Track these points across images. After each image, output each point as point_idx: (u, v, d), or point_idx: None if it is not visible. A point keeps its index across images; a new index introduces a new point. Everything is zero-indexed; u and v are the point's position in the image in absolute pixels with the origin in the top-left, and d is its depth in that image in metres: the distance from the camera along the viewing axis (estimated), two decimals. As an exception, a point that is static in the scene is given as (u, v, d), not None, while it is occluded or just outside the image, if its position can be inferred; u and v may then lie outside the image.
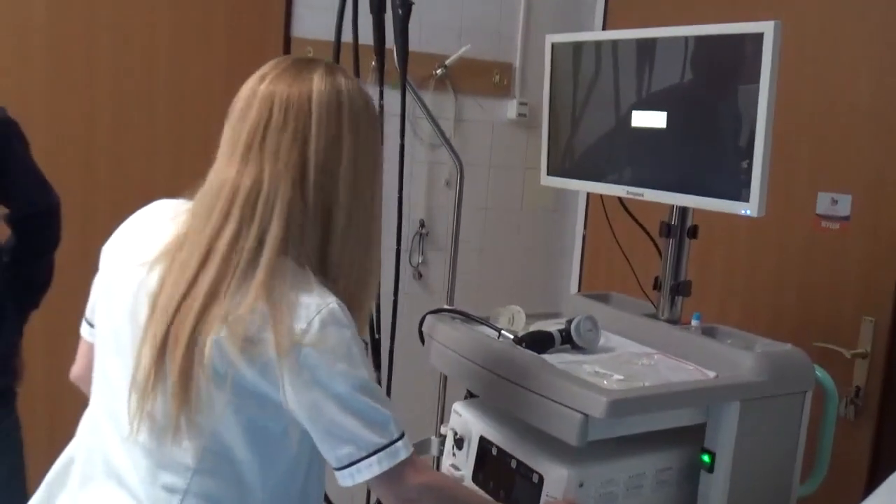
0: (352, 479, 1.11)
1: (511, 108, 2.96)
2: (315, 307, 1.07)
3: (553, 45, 1.78)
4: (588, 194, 3.00)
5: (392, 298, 1.89)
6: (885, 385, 2.02)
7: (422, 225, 2.83)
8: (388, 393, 1.87)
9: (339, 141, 1.13)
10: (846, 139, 2.11)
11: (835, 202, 2.13)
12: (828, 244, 2.14)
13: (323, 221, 1.13)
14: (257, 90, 1.15)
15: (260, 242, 1.08)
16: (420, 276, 2.86)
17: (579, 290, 3.05)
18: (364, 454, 1.10)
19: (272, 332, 1.04)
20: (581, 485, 1.34)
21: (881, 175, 2.03)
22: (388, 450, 1.11)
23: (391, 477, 1.12)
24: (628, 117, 1.64)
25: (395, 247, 1.68)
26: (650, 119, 1.57)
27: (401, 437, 1.13)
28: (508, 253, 3.07)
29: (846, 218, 2.11)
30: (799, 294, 2.22)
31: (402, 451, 1.12)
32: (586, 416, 1.25)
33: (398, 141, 2.75)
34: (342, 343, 1.09)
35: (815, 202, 2.17)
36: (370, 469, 1.10)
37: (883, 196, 2.03)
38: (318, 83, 1.13)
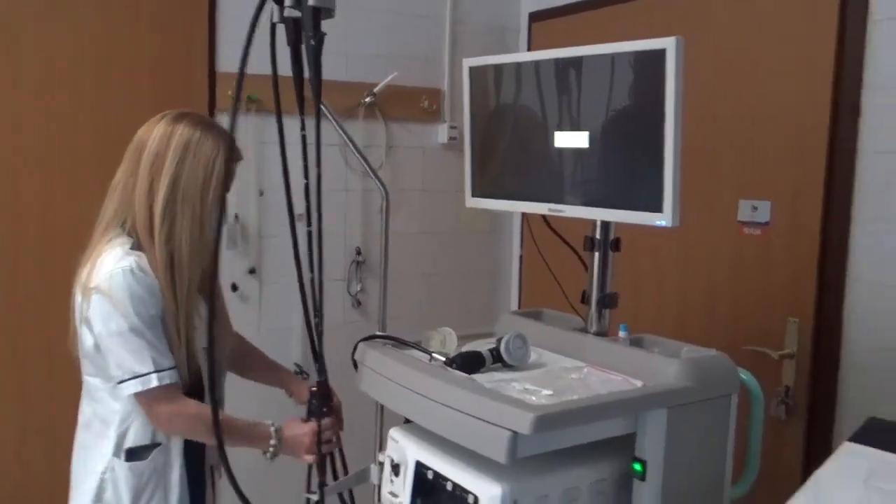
0: (119, 392, 1.58)
1: (442, 133, 2.99)
2: (109, 266, 1.56)
3: (471, 69, 1.81)
4: (522, 217, 3.03)
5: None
6: (811, 383, 2.08)
7: (358, 253, 2.83)
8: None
9: (168, 164, 1.62)
10: (765, 148, 2.18)
11: (755, 209, 2.20)
12: (751, 250, 2.21)
13: (150, 204, 1.61)
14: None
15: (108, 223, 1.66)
16: (359, 303, 2.85)
17: (520, 308, 3.08)
18: (126, 377, 1.56)
19: (83, 283, 1.59)
20: (515, 502, 1.35)
21: (798, 181, 2.10)
22: (143, 378, 1.56)
23: (148, 399, 1.58)
24: (549, 137, 1.67)
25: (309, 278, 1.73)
26: (572, 140, 1.60)
27: (157, 371, 1.56)
28: (449, 276, 3.08)
29: (767, 223, 2.17)
30: (728, 300, 2.27)
31: (154, 380, 1.56)
32: (515, 433, 1.26)
33: (337, 168, 2.77)
34: (123, 294, 1.54)
35: (738, 209, 2.23)
36: (127, 388, 1.56)
37: (800, 201, 2.10)
38: (161, 127, 1.65)
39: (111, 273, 1.56)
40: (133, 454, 1.66)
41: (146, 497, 1.68)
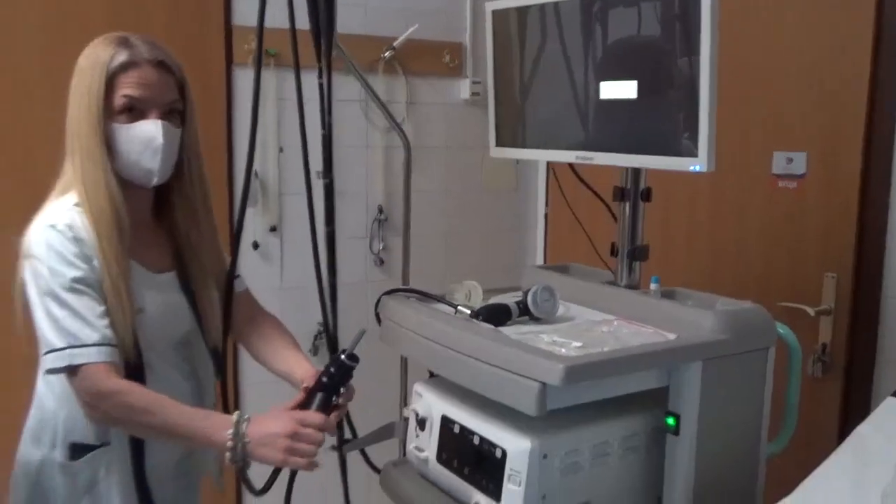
0: (43, 367, 1.36)
1: (464, 88, 2.92)
2: (36, 224, 1.39)
3: (493, 13, 1.74)
4: (548, 172, 2.96)
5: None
6: (850, 340, 2.02)
7: (380, 211, 2.78)
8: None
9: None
10: (801, 97, 2.09)
11: (790, 161, 2.12)
12: (786, 203, 2.13)
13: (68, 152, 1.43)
14: None
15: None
16: (382, 262, 2.81)
17: (545, 267, 3.03)
18: (45, 349, 1.34)
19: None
20: (545, 456, 1.31)
21: (835, 131, 2.02)
22: (57, 353, 1.32)
23: (70, 379, 1.35)
24: (575, 82, 1.61)
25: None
26: (619, 90, 1.51)
27: (73, 346, 1.32)
28: (472, 235, 3.03)
29: (802, 176, 2.10)
30: (761, 255, 2.20)
31: (76, 357, 1.32)
32: (543, 384, 1.22)
33: (359, 125, 2.72)
34: (42, 254, 1.35)
35: (772, 161, 2.15)
36: (43, 364, 1.34)
37: (838, 152, 2.02)
38: None
39: (34, 232, 1.39)
40: (75, 451, 1.45)
41: None
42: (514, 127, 1.78)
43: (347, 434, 1.82)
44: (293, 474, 1.45)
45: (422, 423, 1.54)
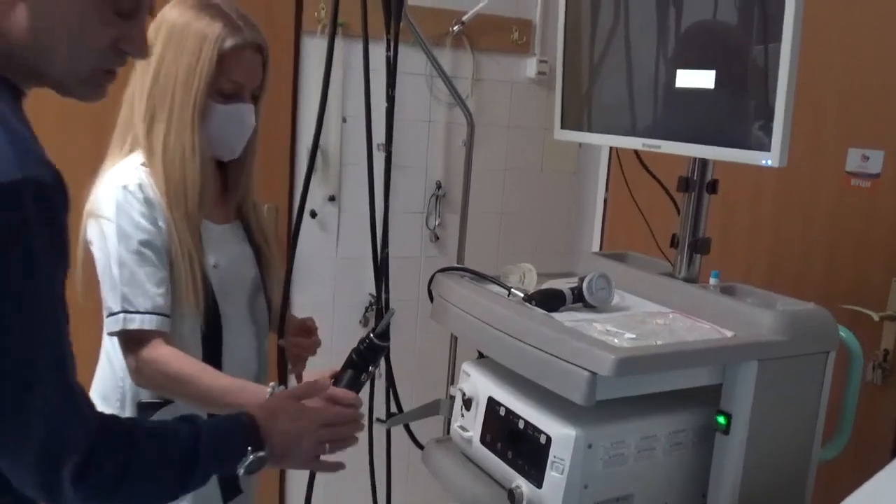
0: (105, 328, 1.40)
1: (531, 67, 2.88)
2: (107, 183, 1.41)
3: (567, -7, 1.71)
4: (610, 156, 2.92)
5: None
6: (914, 349, 1.95)
7: (438, 186, 2.78)
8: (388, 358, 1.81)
9: (153, 57, 1.41)
10: (879, 93, 2.01)
11: (866, 159, 2.04)
12: (857, 203, 2.06)
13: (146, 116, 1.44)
14: None
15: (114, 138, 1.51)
16: (437, 238, 2.81)
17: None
18: (106, 313, 1.39)
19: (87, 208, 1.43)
20: (590, 445, 1.29)
21: (917, 130, 1.94)
22: (113, 317, 1.37)
23: (121, 343, 1.39)
24: (649, 68, 1.57)
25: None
26: (697, 79, 1.46)
27: (127, 311, 1.36)
28: (528, 216, 3.01)
29: (877, 175, 2.02)
30: (826, 255, 2.14)
31: (128, 322, 1.36)
32: (594, 374, 1.20)
33: (422, 99, 2.71)
34: (112, 215, 1.38)
35: (845, 159, 2.08)
36: (107, 325, 1.39)
37: (917, 152, 1.94)
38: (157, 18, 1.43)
39: (105, 191, 1.41)
40: (143, 409, 1.48)
41: None
42: (579, 110, 1.75)
43: (393, 408, 1.83)
44: None
45: (468, 403, 1.54)
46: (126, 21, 0.97)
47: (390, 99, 1.69)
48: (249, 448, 1.11)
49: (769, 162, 1.32)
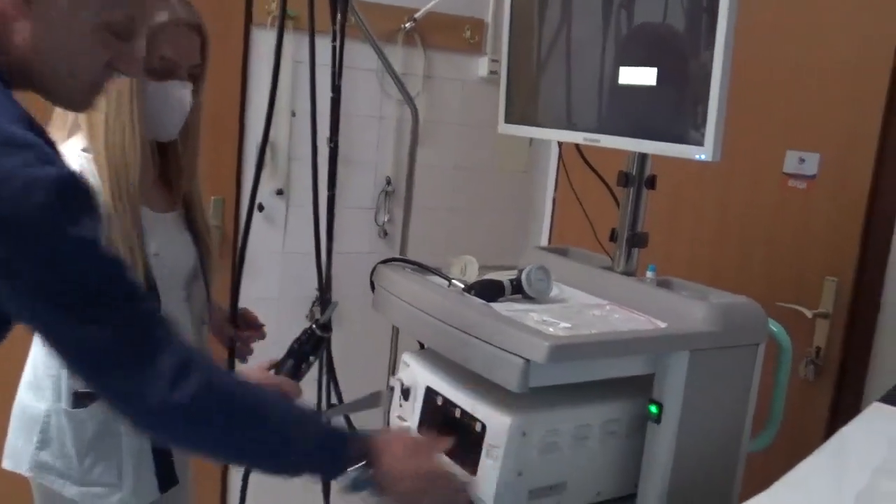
0: None
1: (482, 66, 2.90)
2: None
3: (513, -11, 1.73)
4: (560, 155, 2.95)
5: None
6: (845, 346, 2.01)
7: (388, 182, 2.78)
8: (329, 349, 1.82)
9: None
10: (818, 97, 2.07)
11: (802, 161, 2.09)
12: (794, 204, 2.11)
13: None
14: None
15: None
16: (385, 234, 2.81)
17: (549, 252, 3.02)
18: None
19: None
20: (524, 433, 1.31)
21: (850, 135, 2.00)
22: None
23: None
24: (593, 65, 1.59)
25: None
26: (638, 76, 1.49)
27: None
28: (479, 214, 3.02)
29: (813, 177, 2.08)
30: (764, 253, 2.19)
31: None
32: (528, 361, 1.21)
33: (373, 95, 2.71)
34: None
35: (784, 160, 2.13)
36: None
37: (850, 156, 1.99)
38: None
39: None
40: (78, 399, 1.46)
41: (91, 457, 1.46)
42: (524, 105, 1.77)
43: (334, 399, 1.83)
44: None
45: (406, 393, 1.55)
46: (123, 42, 1.01)
47: (336, 89, 1.70)
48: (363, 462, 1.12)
49: (703, 156, 1.35)
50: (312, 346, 1.41)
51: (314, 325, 1.39)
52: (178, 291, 1.58)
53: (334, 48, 1.68)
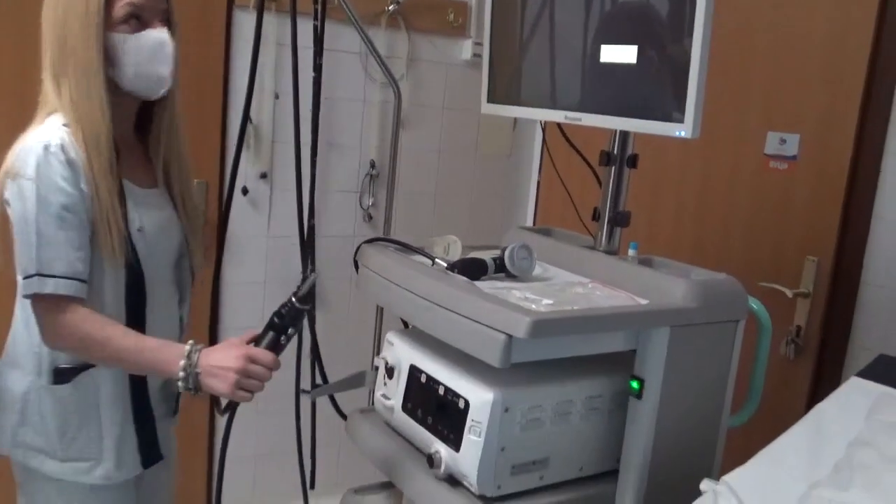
0: (19, 291, 1.36)
1: (466, 49, 2.90)
2: (26, 143, 1.36)
3: (495, -32, 1.73)
4: (543, 140, 2.95)
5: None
6: (824, 324, 2.03)
7: (372, 166, 2.78)
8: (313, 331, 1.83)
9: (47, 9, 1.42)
10: (797, 80, 2.08)
11: (783, 142, 2.11)
12: (775, 184, 2.13)
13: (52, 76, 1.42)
14: None
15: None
16: (370, 217, 2.81)
17: (533, 235, 3.02)
18: (21, 275, 1.34)
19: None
20: (507, 409, 1.32)
21: (829, 115, 2.01)
22: (28, 280, 1.33)
23: (35, 306, 1.36)
24: (574, 44, 1.60)
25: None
26: (619, 54, 1.49)
27: (41, 275, 1.32)
28: (463, 196, 3.03)
29: (794, 158, 2.09)
30: (746, 233, 2.21)
31: (43, 285, 1.32)
32: (509, 336, 1.22)
33: (357, 78, 2.71)
34: (32, 174, 1.33)
35: (765, 141, 2.15)
36: (22, 287, 1.34)
37: (830, 137, 2.01)
38: None
39: (25, 150, 1.36)
40: (59, 375, 1.45)
41: (71, 432, 1.46)
42: (507, 84, 1.78)
43: (319, 380, 1.84)
44: (236, 405, 1.46)
45: (390, 372, 1.56)
46: None
47: (317, 68, 1.70)
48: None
49: (682, 133, 1.36)
50: (291, 318, 1.39)
51: (293, 298, 1.38)
52: (165, 271, 1.56)
53: (315, 27, 1.68)
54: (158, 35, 1.42)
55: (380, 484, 1.75)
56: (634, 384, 1.39)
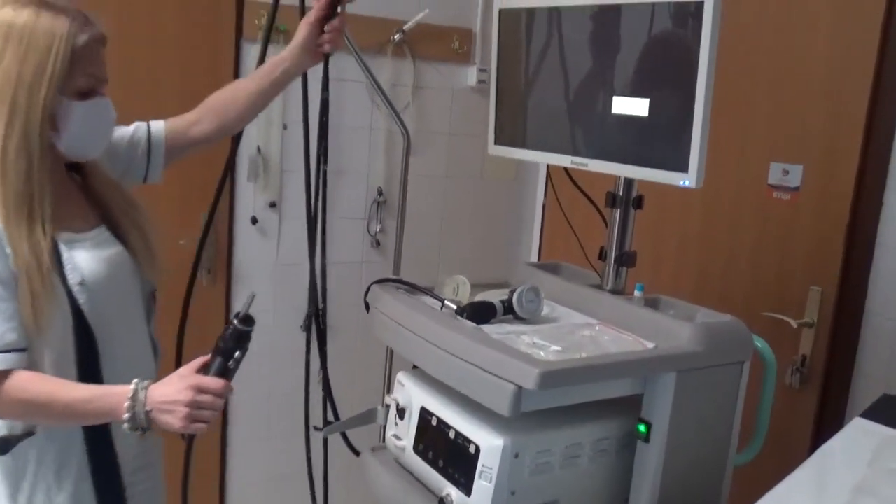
0: None
1: (471, 75, 2.93)
2: None
3: (501, 12, 1.75)
4: (548, 172, 2.98)
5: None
6: (829, 353, 2.05)
7: (379, 193, 2.81)
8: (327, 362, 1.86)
9: None
10: (800, 109, 2.10)
11: (786, 172, 2.13)
12: (779, 215, 2.15)
13: None
14: None
15: None
16: (378, 244, 2.84)
17: (539, 261, 3.05)
18: None
19: None
20: (517, 455, 1.35)
21: (832, 146, 2.03)
22: None
23: None
24: (582, 91, 1.63)
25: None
26: (631, 106, 1.51)
27: None
28: (468, 222, 3.06)
29: (797, 188, 2.12)
30: (750, 265, 2.23)
31: None
32: (519, 387, 1.25)
33: (364, 106, 2.74)
34: None
35: (768, 172, 2.17)
36: None
37: (833, 167, 2.03)
38: None
39: None
40: (2, 443, 1.37)
41: (24, 496, 1.39)
42: (513, 126, 1.80)
43: (331, 416, 1.86)
44: (191, 438, 1.42)
45: (401, 413, 1.58)
46: None
47: (324, 102, 1.74)
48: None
49: (686, 183, 1.38)
50: (235, 340, 1.35)
51: (234, 320, 1.36)
52: (123, 311, 1.47)
53: (326, 64, 1.72)
54: (107, 104, 1.40)
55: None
56: (642, 428, 1.42)
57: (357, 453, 1.77)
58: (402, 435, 1.58)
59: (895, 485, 1.20)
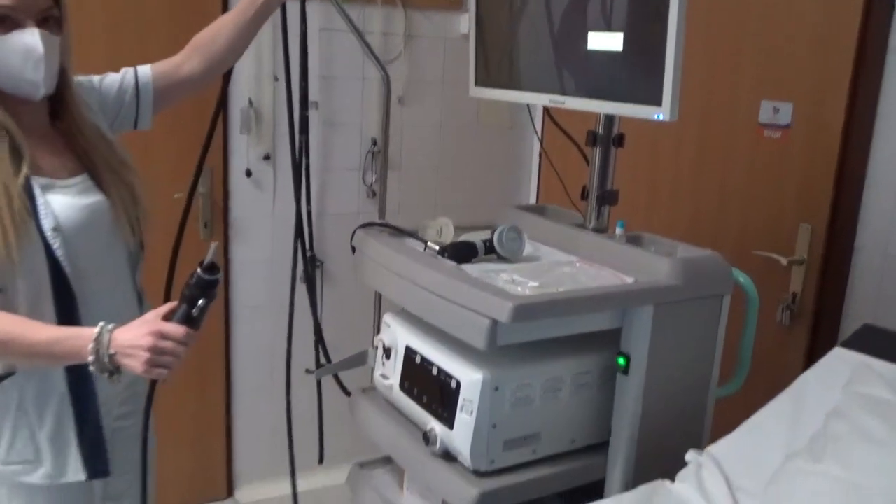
0: None
1: (463, 23, 2.90)
2: None
3: (480, -49, 1.74)
4: (544, 111, 2.97)
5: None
6: (819, 290, 2.06)
7: (374, 143, 2.81)
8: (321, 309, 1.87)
9: None
10: (790, 46, 2.08)
11: (777, 111, 2.12)
12: (770, 153, 2.14)
13: None
14: None
15: None
16: (374, 194, 2.85)
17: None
18: None
19: None
20: (497, 388, 1.37)
21: (821, 83, 2.02)
22: None
23: None
24: (552, 27, 1.62)
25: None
26: (606, 41, 1.50)
27: None
28: (465, 170, 3.05)
29: (787, 126, 2.10)
30: (742, 203, 2.23)
31: None
32: (494, 321, 1.27)
33: (355, 57, 2.73)
34: None
35: (759, 111, 2.16)
36: None
37: (824, 103, 2.02)
38: None
39: None
40: None
41: (7, 435, 1.41)
42: (492, 67, 1.80)
43: (323, 360, 1.90)
44: (153, 384, 1.40)
45: (388, 353, 1.61)
46: None
47: (304, 50, 1.74)
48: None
49: (661, 116, 1.38)
50: (200, 289, 1.34)
51: (198, 269, 1.34)
52: (102, 258, 1.47)
53: (302, 9, 1.72)
54: (28, 37, 1.33)
55: (385, 457, 1.82)
56: (621, 360, 1.44)
57: (348, 393, 1.80)
58: (389, 374, 1.61)
59: (865, 407, 1.22)
